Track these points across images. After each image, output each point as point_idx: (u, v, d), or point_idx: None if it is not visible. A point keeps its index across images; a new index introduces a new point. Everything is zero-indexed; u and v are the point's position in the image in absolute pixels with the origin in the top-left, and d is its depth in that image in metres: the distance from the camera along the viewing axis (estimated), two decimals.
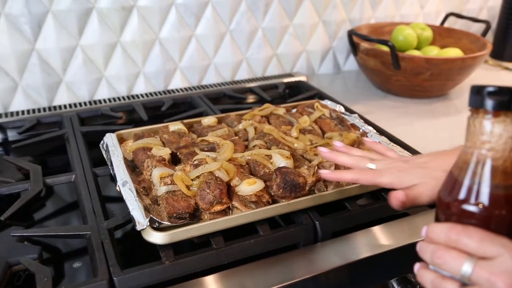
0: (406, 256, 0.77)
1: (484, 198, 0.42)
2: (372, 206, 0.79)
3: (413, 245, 0.75)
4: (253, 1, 1.34)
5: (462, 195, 0.44)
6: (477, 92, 0.42)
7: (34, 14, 1.11)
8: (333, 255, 0.72)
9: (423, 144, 0.97)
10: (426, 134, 1.13)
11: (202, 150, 0.85)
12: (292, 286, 0.67)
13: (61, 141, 1.04)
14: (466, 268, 0.40)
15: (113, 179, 0.92)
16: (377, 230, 0.78)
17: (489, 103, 0.41)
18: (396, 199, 0.65)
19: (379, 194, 0.82)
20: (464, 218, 0.43)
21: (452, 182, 0.45)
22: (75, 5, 1.13)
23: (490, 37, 1.73)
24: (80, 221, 0.80)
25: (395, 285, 0.79)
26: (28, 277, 0.68)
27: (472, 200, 0.43)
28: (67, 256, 0.78)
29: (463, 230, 0.42)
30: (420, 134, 1.11)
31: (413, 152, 0.92)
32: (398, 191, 0.65)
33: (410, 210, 0.83)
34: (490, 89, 0.41)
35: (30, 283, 0.63)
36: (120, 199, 0.89)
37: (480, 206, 0.42)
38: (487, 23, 1.50)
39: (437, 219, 0.48)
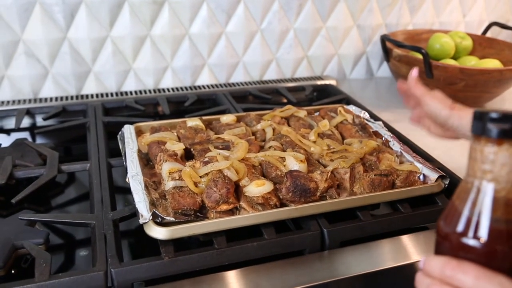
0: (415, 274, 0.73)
1: (484, 232, 0.39)
2: (385, 217, 0.75)
3: None
4: (286, 1, 1.32)
5: (460, 227, 0.41)
6: (480, 118, 0.39)
7: (68, 3, 1.13)
8: (339, 266, 0.70)
9: (448, 157, 0.92)
10: (454, 147, 1.07)
11: (217, 147, 0.84)
12: None
13: (83, 129, 1.06)
14: None
15: (126, 170, 0.93)
16: (387, 243, 0.74)
17: (492, 130, 0.38)
18: None
19: (395, 205, 0.79)
20: (462, 252, 0.40)
21: (452, 212, 0.42)
22: None
23: None
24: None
25: None
26: (34, 261, 0.68)
27: (471, 233, 0.40)
28: (76, 244, 0.79)
29: (458, 266, 0.39)
30: (447, 146, 1.06)
31: (438, 165, 0.88)
32: None
33: (430, 224, 0.79)
34: (494, 115, 0.38)
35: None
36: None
37: (479, 240, 0.39)
38: None
39: (436, 250, 0.44)
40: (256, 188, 0.72)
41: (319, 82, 1.39)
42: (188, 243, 0.71)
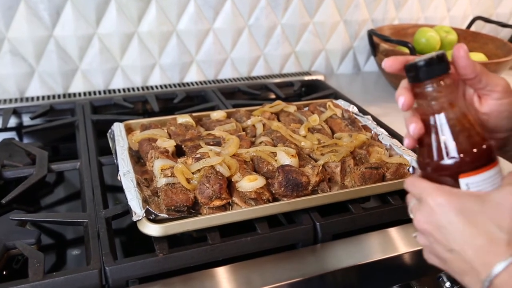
0: (410, 263, 0.75)
1: (453, 150, 0.47)
2: (377, 210, 0.77)
3: (415, 253, 0.74)
4: None
5: (435, 155, 0.48)
6: (411, 70, 0.47)
7: (53, 1, 1.12)
8: (332, 258, 0.71)
9: None
10: None
11: (208, 144, 0.84)
12: (290, 286, 0.66)
13: (72, 128, 1.05)
14: (409, 207, 0.51)
15: (118, 168, 0.92)
16: (379, 235, 0.76)
17: (423, 75, 0.47)
18: None
19: (386, 198, 0.80)
20: (440, 172, 0.48)
21: (424, 148, 0.50)
22: None
23: None
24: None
25: None
26: (25, 261, 0.68)
27: (444, 155, 0.47)
28: (68, 243, 0.79)
29: (411, 184, 0.50)
30: None
31: None
32: None
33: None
34: (421, 63, 0.46)
35: (27, 267, 0.64)
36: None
37: (453, 158, 0.47)
38: None
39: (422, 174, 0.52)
40: (249, 183, 0.72)
41: (307, 78, 1.39)
42: (180, 240, 0.71)
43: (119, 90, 1.24)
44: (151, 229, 0.65)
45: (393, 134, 0.96)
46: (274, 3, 1.33)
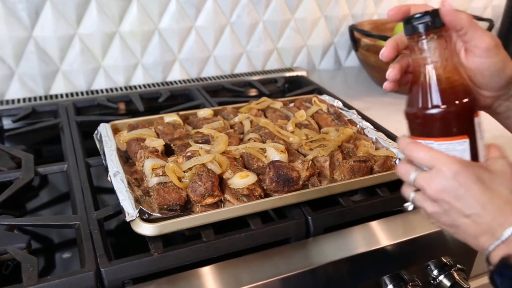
0: (400, 253, 0.76)
1: (437, 99, 0.50)
2: (366, 202, 0.78)
3: (406, 242, 0.76)
4: None
5: (420, 103, 0.51)
6: (409, 22, 0.51)
7: (32, 1, 1.10)
8: (325, 251, 0.72)
9: None
10: None
11: (196, 142, 0.84)
12: (281, 281, 0.66)
13: (56, 130, 1.03)
14: (412, 177, 0.51)
15: (107, 169, 0.92)
16: (370, 226, 0.77)
17: (420, 27, 0.50)
18: None
19: (374, 190, 0.81)
20: (427, 122, 0.51)
21: (412, 97, 0.53)
22: None
23: None
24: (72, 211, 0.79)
25: (387, 281, 0.78)
26: (16, 266, 0.67)
27: (430, 104, 0.50)
28: (57, 247, 0.78)
29: (414, 148, 0.51)
30: None
31: None
32: None
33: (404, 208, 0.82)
34: (417, 15, 0.50)
35: (18, 273, 0.63)
36: (114, 190, 0.88)
37: (437, 107, 0.50)
38: (490, 22, 1.47)
39: (410, 132, 0.54)
40: (241, 180, 0.73)
41: (290, 74, 1.40)
42: (172, 239, 0.70)
43: (101, 91, 1.22)
44: (146, 229, 0.65)
45: (378, 127, 0.98)
46: (256, 0, 1.34)
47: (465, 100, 0.50)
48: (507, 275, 0.44)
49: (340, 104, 1.07)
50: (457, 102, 0.50)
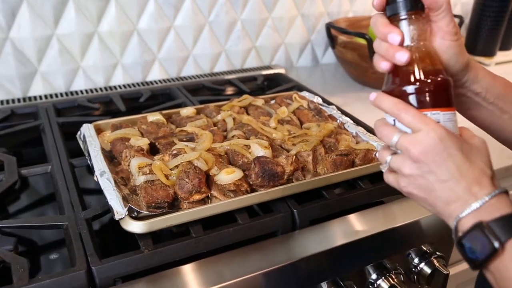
0: (382, 242, 0.79)
1: (414, 77, 0.53)
2: (349, 194, 0.80)
3: (388, 232, 0.78)
4: None
5: (399, 81, 0.54)
6: (391, 2, 0.54)
7: (8, 2, 1.08)
8: (311, 243, 0.74)
9: None
10: None
11: (181, 140, 0.85)
12: (271, 273, 0.68)
13: (36, 132, 1.03)
14: (395, 138, 0.52)
15: (90, 170, 0.91)
16: (353, 217, 0.80)
17: (401, 8, 0.53)
18: None
19: (356, 183, 0.84)
20: (403, 97, 0.54)
21: (390, 75, 0.56)
22: None
23: (463, 32, 1.76)
24: (56, 213, 0.79)
25: (371, 271, 0.80)
26: (3, 270, 0.66)
27: (407, 82, 0.54)
28: (43, 249, 0.78)
29: (404, 108, 0.52)
30: None
31: None
32: None
33: (385, 198, 0.85)
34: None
35: (5, 276, 0.63)
36: (96, 191, 0.88)
37: (413, 84, 0.53)
38: (461, 18, 1.52)
39: (387, 89, 0.56)
40: (227, 176, 0.74)
41: (268, 72, 1.42)
42: (159, 236, 0.71)
43: (81, 92, 1.22)
44: (135, 227, 0.66)
45: (357, 122, 1.01)
46: None
47: (439, 78, 0.53)
48: (478, 241, 0.47)
49: (319, 100, 1.09)
50: (431, 80, 0.53)
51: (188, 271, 0.67)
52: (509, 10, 1.64)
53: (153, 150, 0.85)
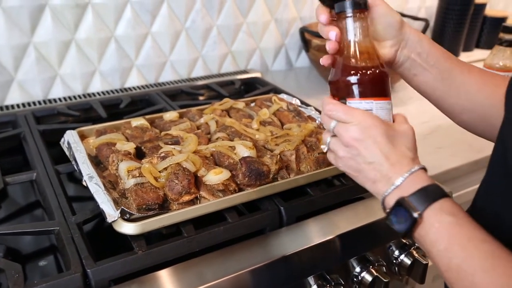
0: (364, 236, 0.83)
1: (356, 69, 0.59)
2: (332, 191, 0.84)
3: (369, 226, 0.82)
4: None
5: (342, 72, 0.60)
6: (338, 0, 0.60)
7: None
8: (298, 238, 0.76)
9: None
10: None
11: (167, 143, 0.87)
12: (262, 268, 0.70)
13: (16, 140, 1.02)
14: (332, 124, 0.59)
15: (71, 178, 0.92)
16: (336, 213, 0.83)
17: (348, 7, 0.59)
18: None
19: (338, 179, 0.87)
20: (347, 86, 0.60)
21: (336, 67, 0.62)
22: (27, 2, 1.11)
23: (428, 34, 1.84)
24: (41, 220, 0.79)
25: (354, 264, 0.84)
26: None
27: (350, 73, 0.59)
28: (31, 256, 0.78)
29: (333, 108, 0.59)
30: None
31: None
32: None
33: (365, 194, 0.89)
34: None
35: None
36: (81, 197, 0.89)
37: (356, 75, 0.59)
38: (426, 21, 1.60)
39: (331, 93, 0.63)
40: (215, 176, 0.76)
41: (245, 76, 1.45)
42: (149, 238, 0.72)
43: (59, 99, 1.21)
44: (128, 228, 0.67)
45: None
46: (209, 5, 1.37)
47: (376, 71, 0.59)
48: (401, 214, 0.53)
49: (298, 102, 1.13)
50: (371, 71, 0.59)
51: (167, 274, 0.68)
52: (470, 13, 1.73)
53: (138, 154, 0.86)
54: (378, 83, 0.60)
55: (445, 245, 0.51)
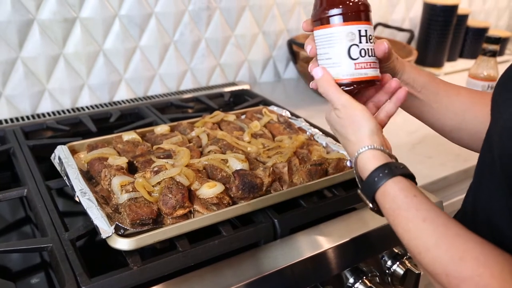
0: (357, 247, 0.83)
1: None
2: (325, 202, 0.84)
3: (361, 236, 0.83)
4: (196, 12, 1.37)
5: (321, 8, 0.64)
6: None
7: None
8: (291, 251, 0.77)
9: None
10: None
11: (159, 157, 0.87)
12: (257, 282, 0.70)
13: (3, 156, 1.01)
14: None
15: (61, 193, 0.91)
16: (329, 225, 0.83)
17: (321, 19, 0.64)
18: None
19: (330, 191, 0.88)
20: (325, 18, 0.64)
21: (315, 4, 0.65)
22: (14, 17, 1.10)
23: (413, 45, 1.87)
24: (30, 236, 0.78)
25: (348, 275, 0.84)
26: None
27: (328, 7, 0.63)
28: (22, 273, 0.76)
29: (328, 90, 0.66)
30: None
31: None
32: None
33: (358, 205, 0.90)
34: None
35: None
36: (71, 213, 0.88)
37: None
38: (411, 32, 1.63)
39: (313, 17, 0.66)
40: (209, 189, 0.76)
41: (234, 88, 1.46)
42: (142, 254, 0.72)
43: (48, 114, 1.20)
44: (123, 244, 0.67)
45: (326, 133, 1.06)
46: (197, 18, 1.38)
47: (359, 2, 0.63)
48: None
49: (288, 114, 1.14)
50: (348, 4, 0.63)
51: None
52: (453, 23, 1.77)
53: (131, 169, 0.86)
54: (362, 11, 0.64)
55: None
